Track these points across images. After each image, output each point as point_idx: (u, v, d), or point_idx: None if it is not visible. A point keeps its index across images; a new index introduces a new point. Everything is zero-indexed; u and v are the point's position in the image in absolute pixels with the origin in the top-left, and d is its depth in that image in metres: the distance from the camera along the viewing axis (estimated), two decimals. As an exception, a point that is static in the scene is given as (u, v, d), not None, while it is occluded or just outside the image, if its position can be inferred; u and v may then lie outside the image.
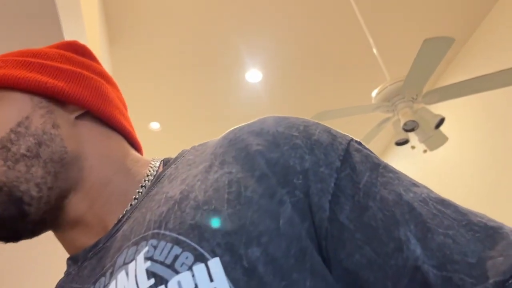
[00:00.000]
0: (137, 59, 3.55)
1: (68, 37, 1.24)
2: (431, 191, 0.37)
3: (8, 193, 0.43)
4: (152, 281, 0.34)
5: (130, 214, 0.45)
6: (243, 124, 0.44)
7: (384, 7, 3.30)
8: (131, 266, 0.36)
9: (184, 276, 0.33)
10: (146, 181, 0.48)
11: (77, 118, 0.50)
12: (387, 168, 0.39)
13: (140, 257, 0.36)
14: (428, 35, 3.53)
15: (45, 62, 0.51)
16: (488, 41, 3.49)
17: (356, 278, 0.34)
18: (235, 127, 0.45)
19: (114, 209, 0.47)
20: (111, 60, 3.59)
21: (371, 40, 2.78)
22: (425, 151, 2.60)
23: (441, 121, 2.45)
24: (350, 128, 4.48)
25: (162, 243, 0.36)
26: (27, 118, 0.46)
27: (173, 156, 0.52)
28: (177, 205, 0.39)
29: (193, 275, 0.33)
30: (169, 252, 0.35)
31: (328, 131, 0.41)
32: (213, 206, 0.36)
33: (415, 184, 0.38)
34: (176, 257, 0.34)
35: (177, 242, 0.35)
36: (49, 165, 0.45)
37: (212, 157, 0.42)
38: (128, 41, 3.44)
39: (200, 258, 0.33)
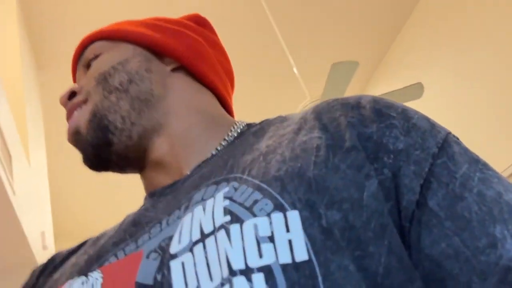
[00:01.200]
0: (66, 83, 3.53)
1: None
2: None
3: (99, 120, 0.49)
4: (228, 218, 0.34)
5: (211, 160, 0.47)
6: (340, 97, 0.44)
7: (303, 28, 3.51)
8: (209, 202, 0.37)
9: (261, 221, 0.33)
10: (230, 136, 0.50)
11: (173, 71, 0.54)
12: (487, 166, 0.37)
13: (220, 195, 0.36)
14: (344, 54, 3.78)
15: (159, 23, 0.57)
16: (400, 60, 3.79)
17: (439, 268, 0.33)
18: (329, 99, 0.45)
19: (194, 156, 0.49)
20: (38, 85, 3.55)
21: (291, 59, 2.95)
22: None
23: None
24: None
25: (244, 186, 0.36)
26: (126, 60, 0.53)
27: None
28: (263, 157, 0.39)
29: (270, 222, 0.32)
30: (249, 196, 0.35)
31: (428, 119, 0.40)
32: (299, 164, 0.36)
33: None
34: (255, 202, 0.34)
35: (258, 188, 0.35)
36: (135, 102, 0.50)
37: (302, 121, 0.42)
38: (57, 66, 3.42)
39: (279, 208, 0.33)
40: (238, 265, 0.31)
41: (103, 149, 0.49)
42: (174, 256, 0.34)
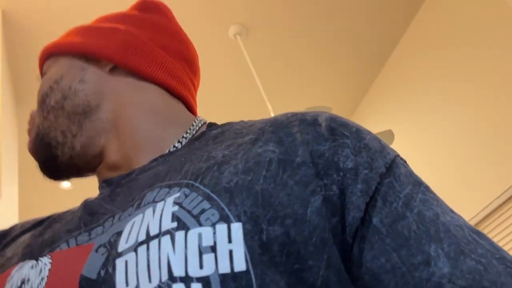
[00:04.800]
0: (45, 119, 3.53)
1: None
2: (467, 222, 0.38)
3: (42, 139, 0.53)
4: (175, 224, 0.34)
5: (167, 158, 0.47)
6: (299, 111, 0.46)
7: (281, 74, 3.64)
8: (160, 205, 0.37)
9: (206, 230, 0.34)
10: (187, 134, 0.51)
11: (111, 72, 0.54)
12: (428, 189, 0.40)
13: (170, 199, 0.37)
14: (320, 100, 3.91)
15: (94, 25, 0.57)
16: (373, 108, 3.94)
17: (377, 281, 0.34)
18: (289, 112, 0.46)
19: (146, 154, 0.50)
20: (17, 120, 3.55)
21: (269, 106, 3.03)
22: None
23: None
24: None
25: (194, 194, 0.37)
26: (61, 76, 0.54)
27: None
28: (217, 166, 0.40)
29: (214, 232, 0.33)
30: (198, 204, 0.36)
31: (379, 140, 0.42)
32: (249, 178, 0.37)
33: (452, 211, 0.39)
34: (203, 211, 0.35)
35: (208, 197, 0.36)
36: (73, 116, 0.52)
37: (260, 132, 0.43)
38: (35, 101, 3.43)
39: (224, 219, 0.34)
40: (178, 272, 0.32)
41: (50, 162, 0.53)
42: (120, 254, 0.35)
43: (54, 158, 0.53)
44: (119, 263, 0.35)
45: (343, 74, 3.80)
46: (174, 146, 0.50)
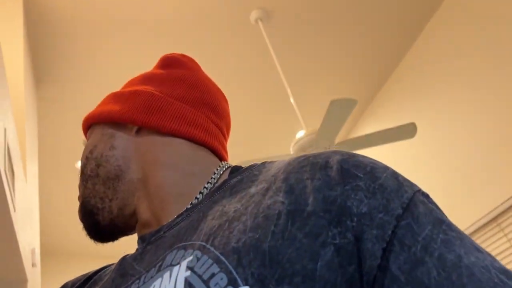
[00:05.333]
0: (64, 98, 3.55)
1: None
2: (495, 260, 0.36)
3: (85, 207, 0.57)
4: None
5: (191, 213, 0.49)
6: (312, 153, 0.45)
7: (302, 61, 3.62)
8: (175, 269, 0.39)
9: None
10: (209, 183, 0.52)
11: (138, 134, 0.57)
12: (451, 227, 0.38)
13: (184, 263, 0.39)
14: (340, 89, 3.89)
15: (124, 90, 0.61)
16: (393, 99, 3.91)
17: None
18: (303, 155, 0.45)
19: (173, 208, 0.52)
20: (36, 99, 3.56)
21: (289, 91, 3.03)
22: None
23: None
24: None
25: (205, 257, 0.38)
26: (95, 146, 0.59)
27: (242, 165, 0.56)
28: (228, 224, 0.40)
29: None
30: (208, 268, 0.37)
31: (396, 177, 0.40)
32: (257, 235, 0.37)
33: (478, 249, 0.37)
34: (212, 275, 0.36)
35: (217, 261, 0.37)
36: (107, 181, 0.56)
37: (272, 179, 0.43)
38: (55, 81, 3.44)
39: (232, 283, 0.35)
40: None
41: (95, 227, 0.57)
42: None
43: (97, 223, 0.56)
44: None
45: (363, 62, 3.77)
46: (196, 198, 0.51)
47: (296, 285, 0.34)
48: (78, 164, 4.30)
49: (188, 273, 0.37)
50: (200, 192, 0.52)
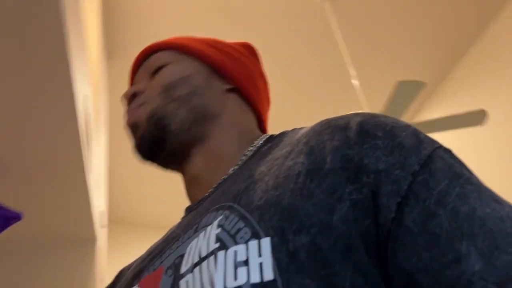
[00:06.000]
0: (133, 75, 3.70)
1: (69, 37, 1.37)
2: None
3: (156, 121, 0.57)
4: (218, 244, 0.40)
5: (227, 179, 0.53)
6: (335, 116, 0.47)
7: (367, 41, 3.53)
8: (209, 228, 0.43)
9: (240, 248, 0.38)
10: (248, 152, 0.55)
11: (227, 91, 0.61)
12: (470, 181, 0.38)
13: (216, 223, 0.42)
14: (406, 71, 3.76)
15: (219, 46, 0.65)
16: (462, 83, 3.74)
17: (411, 280, 0.35)
18: (326, 118, 0.48)
19: (221, 171, 0.55)
20: (108, 74, 3.75)
21: (351, 71, 2.98)
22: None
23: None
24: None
25: (232, 216, 0.41)
26: (191, 74, 0.60)
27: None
28: (252, 185, 0.44)
29: (247, 249, 0.38)
30: (235, 224, 0.40)
31: (416, 135, 0.41)
32: (277, 193, 0.40)
33: (497, 201, 0.37)
34: (238, 230, 0.39)
35: (242, 217, 0.40)
36: (192, 113, 0.57)
37: (295, 143, 0.46)
38: (127, 56, 3.59)
39: (255, 235, 0.38)
40: (219, 286, 0.37)
41: (155, 145, 0.57)
42: (182, 276, 0.41)
43: (161, 142, 0.56)
44: (182, 283, 0.41)
45: (433, 44, 3.62)
46: (234, 168, 0.55)
47: (313, 235, 0.36)
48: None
49: (219, 230, 0.41)
50: (241, 159, 0.55)
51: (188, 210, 0.57)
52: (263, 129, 0.66)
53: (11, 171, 1.70)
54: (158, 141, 0.56)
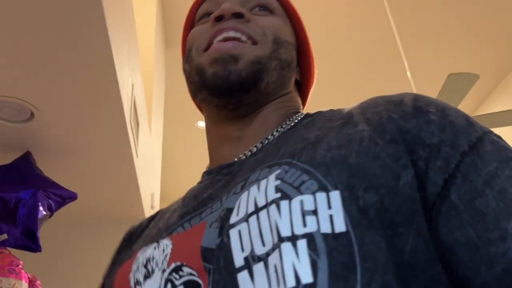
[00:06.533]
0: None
1: (112, 31, 1.45)
2: None
3: (257, 70, 0.52)
4: (279, 194, 0.38)
5: (265, 147, 0.51)
6: (384, 95, 0.48)
7: (424, 32, 3.39)
8: (263, 182, 0.41)
9: (307, 198, 0.37)
10: (283, 127, 0.54)
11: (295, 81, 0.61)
12: None
13: (272, 176, 0.41)
14: (463, 64, 3.57)
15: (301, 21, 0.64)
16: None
17: (452, 254, 0.36)
18: (375, 96, 0.48)
19: (260, 135, 0.54)
20: (165, 62, 3.89)
21: (405, 63, 2.89)
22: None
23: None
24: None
25: (293, 169, 0.41)
26: (292, 44, 0.59)
27: None
28: (311, 145, 0.44)
29: (314, 199, 0.37)
30: (298, 177, 0.39)
31: (467, 118, 0.43)
32: (342, 152, 0.40)
33: None
34: (302, 182, 0.39)
35: (306, 171, 0.40)
36: (279, 80, 0.55)
37: (349, 115, 0.47)
38: (182, 46, 3.70)
39: (323, 188, 0.37)
40: (285, 233, 0.36)
41: (240, 89, 0.52)
42: (232, 226, 0.40)
43: (246, 91, 0.53)
44: (233, 232, 0.39)
45: (495, 36, 3.41)
46: (272, 135, 0.53)
47: (382, 196, 0.37)
48: (200, 124, 4.63)
49: (278, 182, 0.40)
50: (277, 130, 0.54)
51: (211, 173, 0.54)
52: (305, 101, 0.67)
53: (67, 155, 1.85)
54: (244, 88, 0.52)
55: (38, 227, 1.69)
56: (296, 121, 0.55)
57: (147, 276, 0.44)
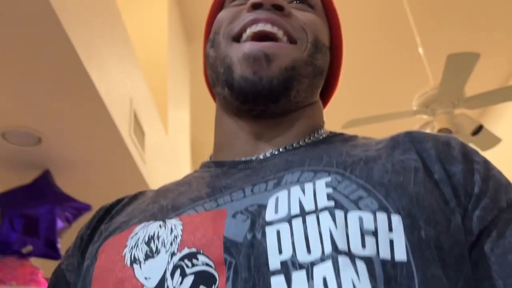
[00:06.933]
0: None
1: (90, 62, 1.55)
2: None
3: (289, 77, 0.47)
4: (332, 203, 0.36)
5: (295, 151, 0.48)
6: (428, 132, 0.47)
7: (435, 9, 3.23)
8: (308, 185, 0.39)
9: (366, 215, 0.35)
10: (314, 137, 0.51)
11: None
12: None
13: (321, 183, 0.39)
14: (481, 42, 3.37)
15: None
16: None
17: None
18: (420, 131, 0.47)
19: (283, 142, 0.49)
20: (188, 57, 4.00)
21: (418, 40, 2.80)
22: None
23: (479, 128, 2.47)
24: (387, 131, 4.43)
25: (347, 181, 0.38)
26: (327, 48, 0.53)
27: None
28: (363, 162, 0.41)
29: (374, 219, 0.35)
30: (354, 191, 0.37)
31: (506, 177, 0.43)
32: (401, 179, 0.39)
33: None
34: (360, 198, 0.37)
35: (363, 187, 0.38)
36: (309, 89, 0.50)
37: (394, 142, 0.45)
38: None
39: (384, 209, 0.36)
40: (342, 246, 0.34)
41: (269, 97, 0.47)
42: (269, 223, 0.37)
43: (275, 101, 0.48)
44: (270, 231, 0.36)
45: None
46: (299, 143, 0.49)
47: (439, 232, 0.36)
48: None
49: (330, 189, 0.38)
50: (304, 140, 0.50)
51: (223, 165, 0.49)
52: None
53: (77, 170, 2.04)
54: (274, 96, 0.47)
55: (57, 238, 1.91)
56: (325, 135, 0.52)
57: (149, 255, 0.39)
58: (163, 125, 2.77)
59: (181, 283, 0.36)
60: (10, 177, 2.01)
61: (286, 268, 0.34)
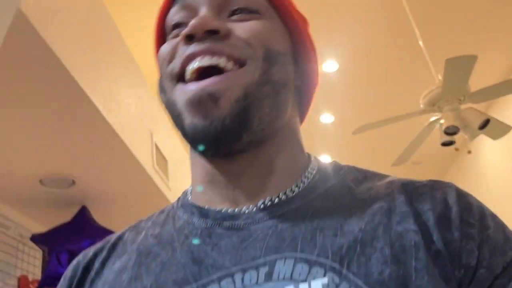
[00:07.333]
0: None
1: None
2: None
3: (246, 109, 0.41)
4: None
5: (282, 210, 0.42)
6: (424, 182, 0.44)
7: (436, 8, 3.26)
8: (303, 286, 0.36)
9: None
10: (306, 179, 0.45)
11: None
12: None
13: (317, 284, 0.36)
14: (481, 38, 3.36)
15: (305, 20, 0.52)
16: None
17: None
18: (411, 180, 0.45)
19: (268, 185, 0.44)
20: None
21: (419, 40, 2.86)
22: (469, 152, 2.67)
23: (486, 121, 2.53)
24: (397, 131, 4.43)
25: (345, 284, 0.36)
26: (286, 54, 0.46)
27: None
28: (360, 248, 0.38)
29: None
30: None
31: (503, 230, 0.41)
32: (401, 271, 0.37)
33: None
34: None
35: None
36: (275, 108, 0.44)
37: (390, 200, 0.42)
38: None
39: None
40: None
41: (227, 138, 0.42)
42: None
43: (235, 140, 0.42)
44: None
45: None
46: (285, 194, 0.44)
47: None
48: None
49: None
50: (292, 190, 0.45)
51: (205, 215, 0.45)
52: None
53: (110, 204, 2.24)
54: (233, 135, 0.41)
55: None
56: (310, 177, 0.46)
57: None
58: (183, 144, 2.95)
59: None
60: (51, 217, 2.24)
61: None
